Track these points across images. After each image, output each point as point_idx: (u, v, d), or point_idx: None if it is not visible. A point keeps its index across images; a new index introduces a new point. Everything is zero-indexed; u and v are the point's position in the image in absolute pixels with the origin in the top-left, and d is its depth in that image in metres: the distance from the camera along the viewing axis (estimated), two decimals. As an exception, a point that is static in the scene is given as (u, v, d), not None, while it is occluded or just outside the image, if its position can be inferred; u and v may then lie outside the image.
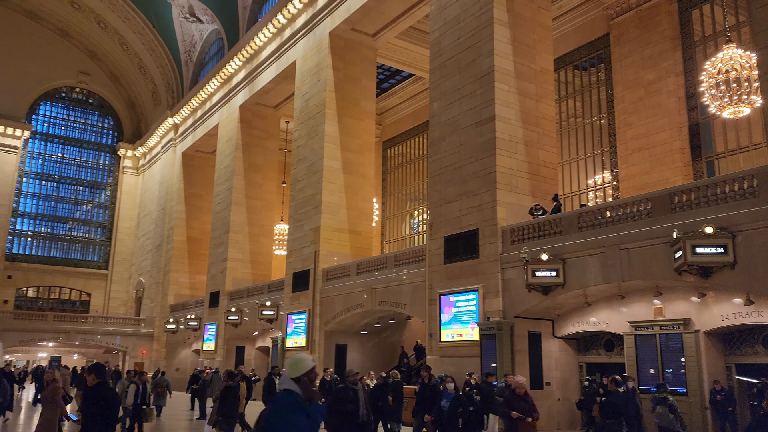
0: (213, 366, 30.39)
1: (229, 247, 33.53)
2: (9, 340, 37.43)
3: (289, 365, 4.57)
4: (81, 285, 49.60)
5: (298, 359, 4.59)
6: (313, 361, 4.65)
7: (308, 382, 4.48)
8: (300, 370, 4.49)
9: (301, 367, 4.51)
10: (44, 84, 49.42)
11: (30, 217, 48.93)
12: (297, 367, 4.51)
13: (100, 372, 7.20)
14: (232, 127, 35.53)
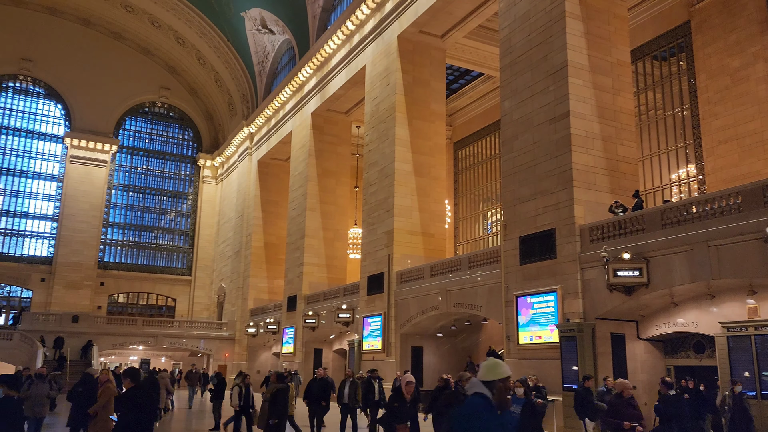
0: (292, 369, 31.09)
1: (305, 252, 34.20)
2: (103, 344, 39.61)
3: (486, 368, 4.32)
4: (167, 291, 51.95)
5: (495, 364, 4.34)
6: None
7: (503, 388, 4.24)
8: (496, 375, 4.26)
9: (498, 371, 4.27)
10: (129, 100, 52.14)
11: (119, 227, 51.66)
12: (494, 371, 4.28)
13: (135, 377, 7.51)
14: (304, 134, 36.27)
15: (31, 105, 49.66)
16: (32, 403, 12.10)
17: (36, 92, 49.84)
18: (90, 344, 38.05)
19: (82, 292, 47.48)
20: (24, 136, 49.14)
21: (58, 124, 50.25)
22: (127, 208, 52.18)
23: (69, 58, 49.22)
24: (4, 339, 35.57)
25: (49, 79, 49.59)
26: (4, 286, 47.15)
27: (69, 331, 38.56)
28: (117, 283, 50.17)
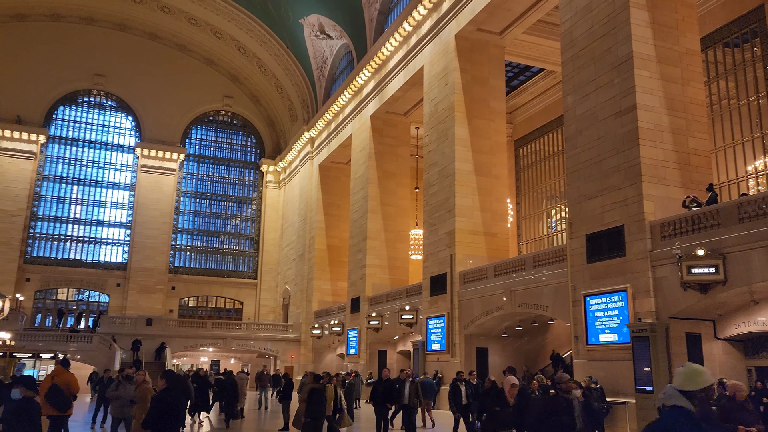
0: (357, 370, 31.36)
1: (368, 254, 34.44)
2: (175, 346, 41.05)
3: (684, 376, 3.86)
4: (234, 294, 53.36)
5: (696, 371, 3.89)
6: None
7: (705, 399, 3.81)
8: (698, 383, 3.81)
9: (699, 380, 3.82)
10: (195, 110, 53.91)
11: (188, 232, 53.44)
12: (695, 379, 3.83)
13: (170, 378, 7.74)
14: (364, 137, 36.53)
15: (104, 118, 52.07)
16: (120, 404, 12.22)
17: (108, 105, 52.22)
18: (163, 346, 39.50)
19: (155, 296, 49.38)
20: (98, 147, 51.56)
21: (129, 136, 52.49)
22: (194, 215, 53.91)
23: (138, 72, 51.36)
24: (84, 341, 37.40)
25: (120, 93, 51.86)
26: (83, 291, 49.58)
27: (143, 334, 40.17)
28: (187, 287, 51.91)
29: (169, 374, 7.85)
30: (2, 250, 45.55)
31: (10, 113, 47.69)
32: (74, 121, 51.01)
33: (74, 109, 51.08)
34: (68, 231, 49.58)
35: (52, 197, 49.58)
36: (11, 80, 47.79)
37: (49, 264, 48.18)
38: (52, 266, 48.14)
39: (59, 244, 49.14)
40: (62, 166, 50.26)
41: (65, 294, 49.03)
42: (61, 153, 50.37)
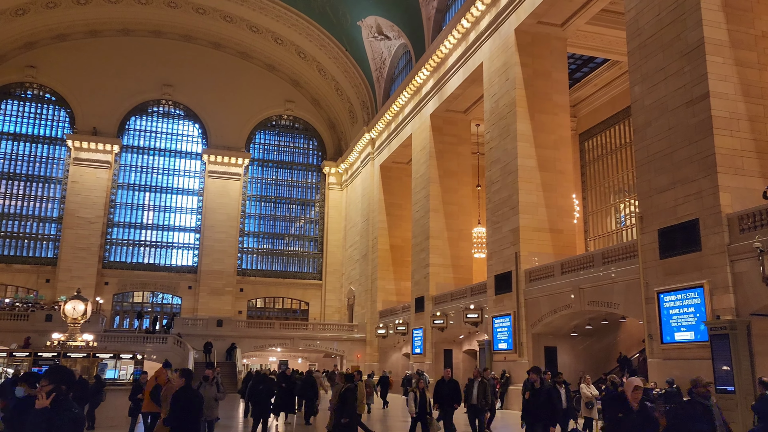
0: (423, 369, 31.34)
1: (431, 253, 34.36)
2: (245, 346, 42.17)
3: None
4: (300, 295, 54.32)
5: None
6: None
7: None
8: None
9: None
10: (258, 115, 55.22)
11: (254, 235, 54.78)
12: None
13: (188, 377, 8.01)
14: (424, 136, 36.47)
15: (172, 126, 54.03)
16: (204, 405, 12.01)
17: (176, 114, 54.15)
18: (233, 347, 40.64)
19: (224, 297, 50.86)
20: (168, 155, 53.55)
21: (196, 143, 54.28)
22: (260, 218, 55.19)
23: (203, 81, 53.07)
24: (159, 342, 38.91)
25: (187, 102, 53.70)
26: (157, 294, 51.61)
27: (214, 335, 41.46)
28: (255, 288, 53.20)
29: (186, 372, 8.08)
30: (83, 256, 47.97)
31: (87, 125, 50.19)
32: (145, 130, 53.17)
33: (145, 119, 53.25)
34: (142, 236, 51.72)
35: (126, 204, 51.84)
36: (87, 94, 50.31)
37: (126, 268, 50.39)
38: (128, 270, 50.32)
39: (134, 249, 51.32)
40: (135, 174, 52.47)
41: (141, 297, 51.17)
42: (134, 162, 52.58)
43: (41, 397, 4.23)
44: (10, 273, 47.50)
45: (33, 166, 49.94)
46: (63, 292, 44.32)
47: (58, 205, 49.68)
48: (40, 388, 4.28)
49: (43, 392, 4.26)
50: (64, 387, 4.34)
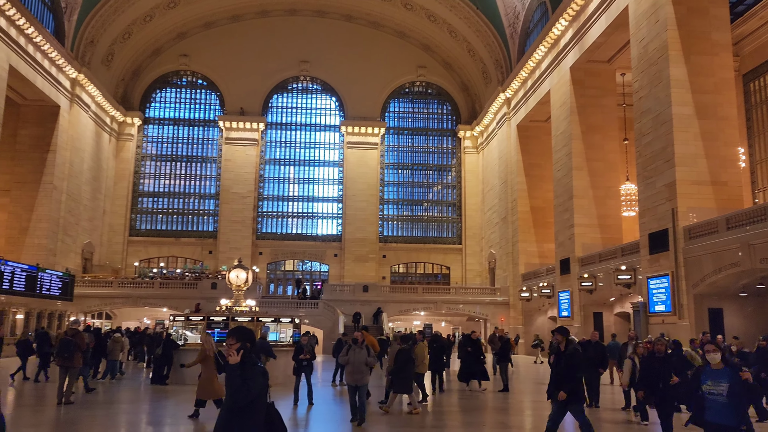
0: (571, 332, 30.47)
1: (575, 213, 33.01)
2: (390, 310, 43.42)
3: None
4: (440, 260, 54.78)
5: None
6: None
7: None
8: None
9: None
10: (391, 83, 55.69)
11: (393, 203, 55.83)
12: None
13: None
14: (564, 91, 34.77)
15: (311, 101, 56.11)
16: (352, 370, 11.54)
17: (314, 89, 56.10)
18: (379, 311, 42.02)
19: (368, 264, 52.57)
20: (308, 129, 55.80)
21: (334, 115, 55.98)
22: (398, 185, 56.06)
23: (338, 54, 54.36)
24: (311, 308, 41.20)
25: (324, 76, 55.37)
26: (306, 262, 54.50)
27: (361, 300, 43.11)
28: (396, 254, 54.42)
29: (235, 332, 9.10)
30: (238, 228, 51.76)
31: (235, 106, 53.57)
32: (286, 107, 55.72)
33: (286, 96, 55.75)
34: (289, 208, 54.67)
35: (274, 178, 54.93)
36: (234, 77, 53.58)
37: (276, 239, 53.64)
38: (279, 240, 53.54)
39: (283, 221, 54.43)
40: (279, 150, 55.34)
41: (291, 265, 54.32)
42: (278, 137, 55.43)
43: (232, 354, 4.62)
44: (178, 246, 52.44)
45: (191, 147, 54.36)
46: (224, 262, 48.23)
47: (214, 182, 53.82)
48: (229, 347, 4.67)
49: (233, 350, 4.66)
50: (249, 344, 4.73)
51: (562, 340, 9.02)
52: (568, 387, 8.63)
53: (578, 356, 8.93)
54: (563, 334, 9.08)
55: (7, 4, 33.40)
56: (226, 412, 4.56)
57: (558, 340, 9.10)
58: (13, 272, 30.34)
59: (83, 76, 43.42)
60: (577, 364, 8.75)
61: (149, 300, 41.94)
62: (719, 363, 6.36)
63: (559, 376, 8.76)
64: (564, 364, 8.75)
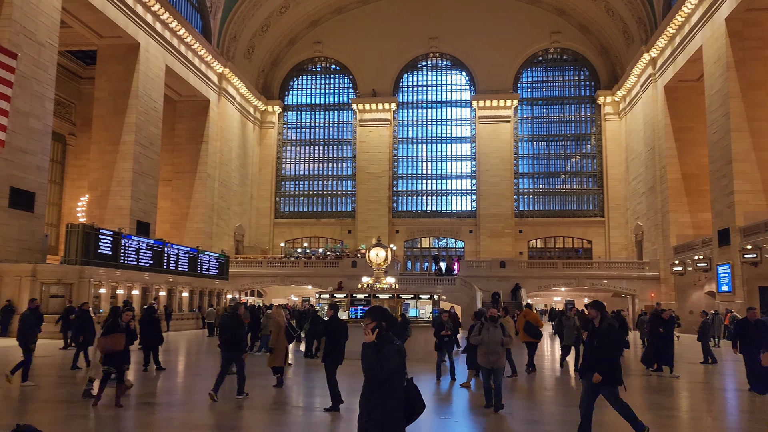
0: (732, 309, 28.10)
1: (735, 179, 30.13)
2: (528, 286, 42.47)
3: None
4: (581, 233, 52.57)
5: None
6: None
7: None
8: None
9: None
10: (523, 53, 53.86)
11: (528, 176, 54.30)
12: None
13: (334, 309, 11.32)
14: (718, 45, 31.64)
15: (440, 78, 55.81)
16: (486, 351, 10.55)
17: (443, 65, 55.69)
18: (518, 287, 41.26)
19: (504, 239, 51.72)
20: (438, 106, 55.63)
21: (464, 90, 55.28)
22: (533, 158, 54.38)
23: (466, 27, 53.46)
24: (448, 284, 41.36)
25: (453, 51, 54.75)
26: (441, 239, 54.74)
27: (498, 276, 42.59)
28: (533, 229, 53.01)
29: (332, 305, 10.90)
30: (374, 208, 53.05)
31: (367, 88, 54.64)
32: (417, 85, 55.89)
33: (415, 74, 55.90)
34: (423, 186, 55.06)
35: (407, 157, 55.52)
36: (364, 60, 54.59)
37: (411, 217, 54.34)
38: (414, 218, 54.20)
39: (417, 198, 54.97)
40: (411, 128, 55.75)
41: (427, 242, 54.81)
42: (409, 117, 55.84)
43: (368, 333, 4.79)
44: (319, 227, 54.86)
45: (327, 131, 56.38)
46: (362, 241, 49.72)
47: (350, 163, 55.47)
48: (366, 326, 4.83)
49: (369, 329, 4.83)
50: (384, 323, 4.86)
51: (596, 316, 8.22)
52: (601, 367, 7.81)
53: (614, 333, 8.03)
54: (597, 309, 8.24)
55: (161, 9, 36.38)
56: (366, 386, 4.74)
57: (592, 316, 8.30)
58: (177, 254, 33.37)
59: (228, 70, 46.39)
60: (612, 342, 7.90)
61: (295, 278, 44.33)
62: None
63: (592, 355, 7.92)
64: (598, 343, 7.90)
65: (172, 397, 11.58)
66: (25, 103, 25.95)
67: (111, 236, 27.44)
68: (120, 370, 9.83)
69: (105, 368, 9.90)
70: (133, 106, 34.63)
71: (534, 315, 17.13)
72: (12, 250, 25.32)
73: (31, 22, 26.41)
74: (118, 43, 34.72)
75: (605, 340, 7.83)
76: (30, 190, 26.47)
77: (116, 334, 9.83)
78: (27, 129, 26.27)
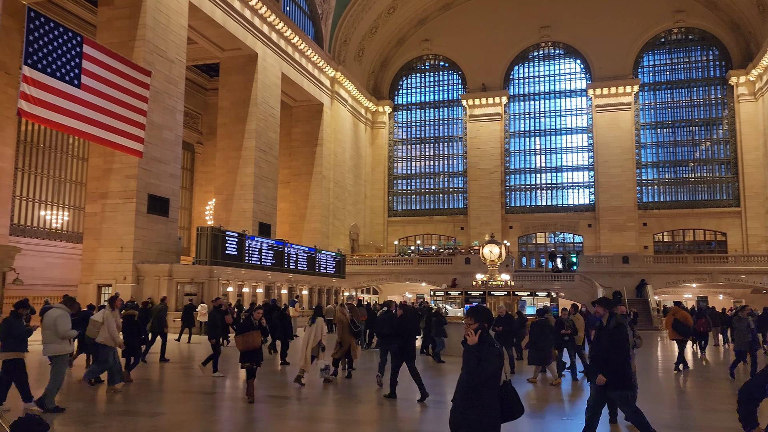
0: None
1: None
2: (655, 282, 40.09)
3: None
4: (714, 225, 48.85)
5: None
6: None
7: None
8: None
9: None
10: (643, 35, 50.89)
11: (651, 166, 51.23)
12: None
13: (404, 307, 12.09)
14: None
15: (553, 67, 53.99)
16: None
17: (556, 54, 53.84)
18: (643, 283, 39.10)
19: (627, 233, 49.14)
20: (552, 97, 53.84)
21: (579, 79, 53.13)
22: (657, 146, 51.27)
23: (579, 13, 51.37)
24: (567, 280, 39.98)
25: (566, 39, 52.80)
26: (558, 234, 52.98)
27: (621, 272, 40.60)
28: (659, 222, 49.97)
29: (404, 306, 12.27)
30: (487, 204, 52.34)
31: (477, 83, 54.02)
32: (528, 77, 54.45)
33: (526, 66, 54.48)
34: (536, 180, 53.55)
35: (519, 151, 54.23)
36: (473, 54, 54.00)
37: (525, 212, 53.04)
38: (528, 213, 52.87)
39: (531, 193, 53.56)
40: (523, 121, 54.39)
41: (543, 237, 53.26)
42: (521, 109, 54.50)
43: (471, 334, 4.68)
44: (432, 224, 54.98)
45: (437, 128, 56.35)
46: (475, 238, 49.28)
47: (461, 160, 55.10)
48: (468, 326, 4.74)
49: (471, 329, 4.72)
50: (486, 324, 4.76)
51: (604, 314, 7.52)
52: (608, 369, 7.09)
53: (623, 333, 7.32)
54: (605, 306, 7.54)
55: (277, 19, 38.04)
56: (463, 386, 4.65)
57: (599, 314, 7.64)
58: (297, 254, 34.78)
59: (340, 74, 47.63)
60: (620, 341, 7.20)
61: (409, 276, 44.72)
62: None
63: (598, 356, 7.29)
64: (605, 343, 7.24)
65: (297, 391, 12.06)
66: (158, 116, 28.08)
67: (236, 238, 29.08)
68: (256, 366, 10.31)
69: (246, 365, 10.38)
70: (252, 113, 36.46)
71: (683, 313, 16.86)
72: (151, 252, 27.50)
73: (162, 41, 28.53)
74: (238, 55, 36.70)
75: (613, 340, 7.25)
76: (165, 197, 28.62)
77: (252, 331, 10.32)
78: (161, 140, 28.42)
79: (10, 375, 9.29)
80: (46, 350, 9.55)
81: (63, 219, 32.99)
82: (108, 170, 27.08)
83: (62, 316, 9.55)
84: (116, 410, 9.70)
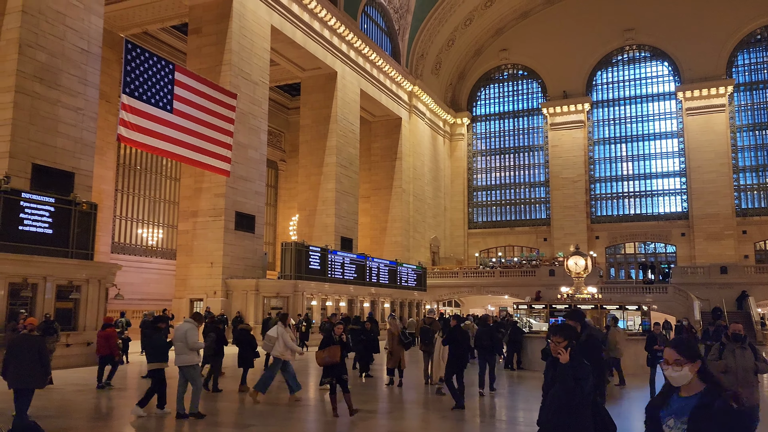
0: None
1: None
2: (757, 294, 37.51)
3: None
4: (823, 232, 45.29)
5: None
6: None
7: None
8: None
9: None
10: (736, 33, 48.17)
11: (750, 170, 48.22)
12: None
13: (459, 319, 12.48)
14: None
15: (639, 71, 52.00)
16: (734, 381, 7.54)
17: (642, 57, 51.86)
18: (744, 295, 36.70)
19: (724, 242, 46.37)
20: (638, 102, 51.81)
21: (667, 82, 50.89)
22: (755, 149, 48.66)
23: (665, 13, 49.29)
24: (660, 292, 38.11)
25: (652, 41, 50.77)
26: (648, 244, 50.69)
27: (719, 283, 38.27)
28: (761, 229, 46.87)
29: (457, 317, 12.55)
30: (571, 214, 50.86)
31: (557, 91, 52.85)
32: (612, 82, 52.71)
33: (610, 70, 52.77)
34: (624, 188, 51.55)
35: (604, 159, 52.45)
36: (553, 62, 52.91)
37: (612, 221, 51.12)
38: (615, 223, 50.92)
39: (618, 202, 51.60)
40: (608, 128, 52.61)
41: (632, 248, 51.11)
42: (605, 116, 52.77)
43: (562, 353, 4.55)
44: (514, 235, 54.00)
45: (517, 138, 55.46)
46: (559, 249, 47.95)
47: (543, 169, 53.92)
48: (557, 344, 4.62)
49: (561, 347, 4.59)
50: (574, 342, 4.69)
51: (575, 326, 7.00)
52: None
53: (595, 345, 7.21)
54: (576, 320, 7.24)
55: (355, 38, 38.81)
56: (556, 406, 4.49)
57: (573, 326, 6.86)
58: (378, 267, 35.09)
59: (417, 88, 47.91)
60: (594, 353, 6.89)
61: (491, 288, 44.05)
62: None
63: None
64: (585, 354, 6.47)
65: (381, 405, 12.10)
66: (244, 137, 29.22)
67: (319, 252, 29.71)
68: (341, 380, 10.41)
69: (327, 380, 10.54)
70: (333, 130, 37.26)
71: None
72: (239, 267, 28.54)
73: (247, 65, 29.74)
74: (318, 74, 37.68)
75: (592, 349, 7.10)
76: (251, 213, 29.65)
77: (332, 346, 10.48)
78: (246, 159, 29.54)
79: (153, 383, 10.26)
80: (178, 360, 10.24)
81: (158, 236, 34.86)
82: (198, 189, 28.39)
83: (191, 329, 10.21)
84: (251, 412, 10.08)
